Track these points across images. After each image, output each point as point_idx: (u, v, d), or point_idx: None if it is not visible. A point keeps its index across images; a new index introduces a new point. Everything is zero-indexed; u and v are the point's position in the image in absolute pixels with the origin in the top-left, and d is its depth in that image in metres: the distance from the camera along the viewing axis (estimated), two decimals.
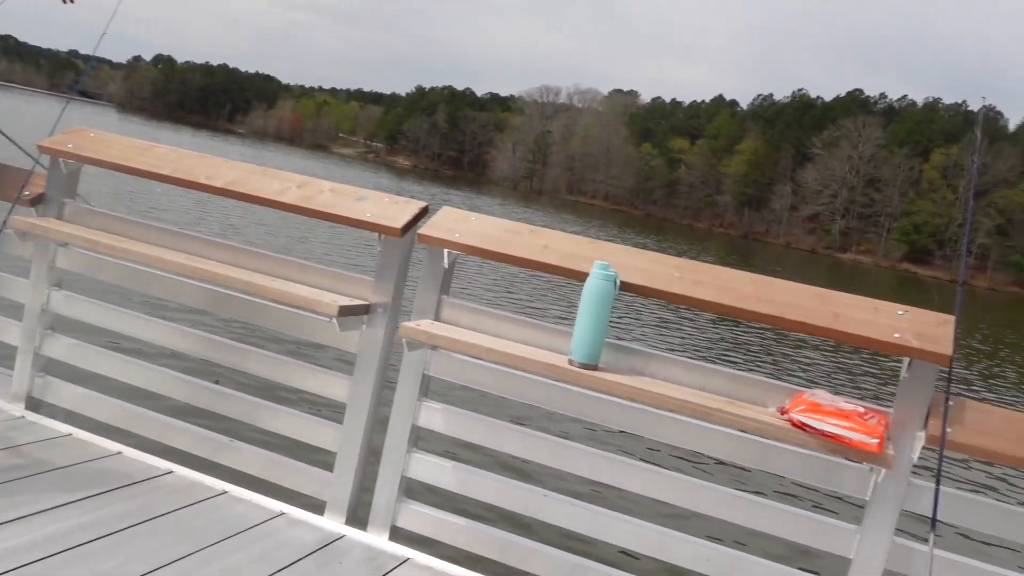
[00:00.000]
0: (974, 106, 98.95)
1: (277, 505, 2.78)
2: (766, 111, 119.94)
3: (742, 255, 54.06)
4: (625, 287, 2.41)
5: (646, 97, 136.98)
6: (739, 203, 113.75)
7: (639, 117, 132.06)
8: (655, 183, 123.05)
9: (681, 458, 6.37)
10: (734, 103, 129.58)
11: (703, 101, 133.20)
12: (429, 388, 2.77)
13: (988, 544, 5.57)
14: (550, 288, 16.51)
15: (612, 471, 2.58)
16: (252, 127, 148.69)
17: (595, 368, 2.39)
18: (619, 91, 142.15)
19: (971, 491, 7.04)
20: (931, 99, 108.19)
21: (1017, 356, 22.18)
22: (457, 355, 2.67)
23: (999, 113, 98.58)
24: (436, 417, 2.72)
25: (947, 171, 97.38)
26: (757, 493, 2.61)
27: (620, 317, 14.04)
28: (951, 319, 2.26)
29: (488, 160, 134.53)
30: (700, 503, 2.50)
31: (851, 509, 2.42)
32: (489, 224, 2.68)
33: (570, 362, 2.40)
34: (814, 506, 5.38)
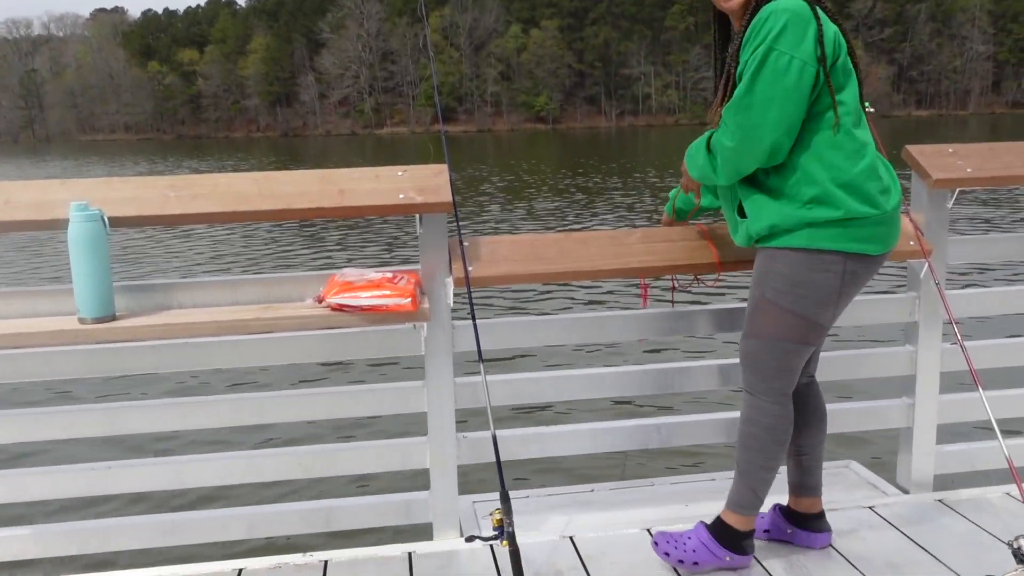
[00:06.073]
0: None
1: None
2: (267, 5, 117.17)
3: (287, 154, 53.34)
4: (117, 223, 2.16)
5: (135, 12, 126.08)
6: (269, 103, 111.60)
7: (134, 35, 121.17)
8: (176, 102, 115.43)
9: (244, 375, 6.22)
10: (232, 3, 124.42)
11: (199, 6, 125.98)
12: None
13: (530, 355, 6.33)
14: (39, 245, 14.02)
15: (174, 416, 2.40)
16: None
17: (112, 319, 2.15)
18: (103, 10, 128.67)
19: (509, 314, 7.87)
20: None
21: (531, 181, 24.49)
22: None
23: None
24: None
25: (446, 31, 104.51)
26: (331, 385, 2.61)
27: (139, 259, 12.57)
28: (444, 168, 2.38)
29: None
30: (278, 414, 2.45)
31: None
32: None
33: (81, 321, 2.13)
34: (386, 378, 5.57)
